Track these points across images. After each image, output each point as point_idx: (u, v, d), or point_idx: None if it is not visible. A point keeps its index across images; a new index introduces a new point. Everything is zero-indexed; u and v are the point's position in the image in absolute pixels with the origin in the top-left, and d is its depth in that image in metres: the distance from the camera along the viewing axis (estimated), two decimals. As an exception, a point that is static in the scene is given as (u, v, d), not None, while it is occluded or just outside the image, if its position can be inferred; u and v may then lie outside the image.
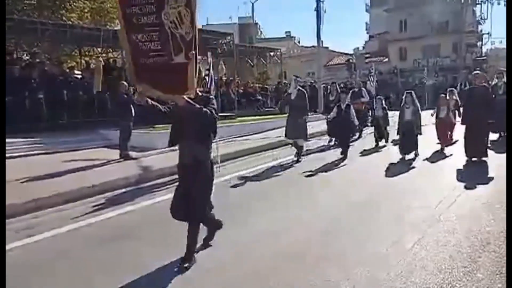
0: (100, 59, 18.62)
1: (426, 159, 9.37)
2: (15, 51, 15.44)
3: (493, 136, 10.39)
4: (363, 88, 14.17)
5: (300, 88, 9.92)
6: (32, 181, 7.31)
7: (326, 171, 8.46)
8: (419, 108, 9.54)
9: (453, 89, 12.74)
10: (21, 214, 5.72)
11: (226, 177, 7.89)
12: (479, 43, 41.82)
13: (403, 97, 9.79)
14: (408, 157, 9.35)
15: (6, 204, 5.69)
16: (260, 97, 21.23)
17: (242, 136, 13.09)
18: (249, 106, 19.53)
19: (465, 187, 6.64)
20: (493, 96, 10.28)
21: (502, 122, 10.35)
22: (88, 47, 18.27)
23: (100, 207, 6.12)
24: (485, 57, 41.21)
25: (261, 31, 56.24)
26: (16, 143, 10.31)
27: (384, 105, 11.80)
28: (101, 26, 19.69)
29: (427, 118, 11.02)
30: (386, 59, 40.11)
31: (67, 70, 15.58)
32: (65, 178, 7.47)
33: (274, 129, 13.68)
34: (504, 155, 8.36)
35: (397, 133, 9.98)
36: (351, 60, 35.21)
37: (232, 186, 7.29)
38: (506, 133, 11.19)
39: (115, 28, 19.75)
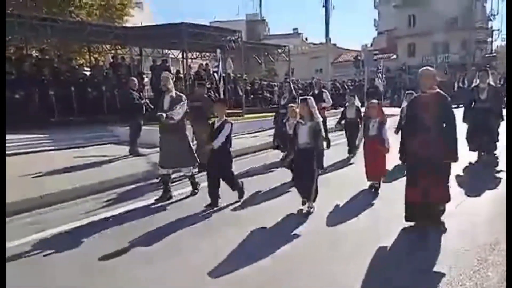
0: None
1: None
2: (25, 47, 15.55)
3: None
4: (325, 90, 11.59)
5: (178, 93, 6.51)
6: (42, 176, 7.39)
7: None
8: (321, 127, 5.62)
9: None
10: (32, 209, 5.79)
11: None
12: (489, 40, 41.44)
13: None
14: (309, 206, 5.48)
15: (16, 199, 5.80)
16: (268, 94, 21.25)
17: (248, 133, 13.10)
18: (256, 103, 19.56)
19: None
20: (471, 102, 8.41)
21: (485, 139, 8.25)
22: (97, 44, 18.35)
23: (110, 203, 6.18)
24: (495, 54, 40.82)
25: (268, 28, 56.37)
26: (26, 139, 10.43)
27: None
28: (109, 23, 19.75)
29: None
30: (395, 56, 39.87)
31: (76, 67, 15.72)
32: (75, 174, 7.55)
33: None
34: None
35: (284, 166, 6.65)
36: (359, 57, 35.02)
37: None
38: (490, 153, 8.49)
39: (124, 25, 19.87)
